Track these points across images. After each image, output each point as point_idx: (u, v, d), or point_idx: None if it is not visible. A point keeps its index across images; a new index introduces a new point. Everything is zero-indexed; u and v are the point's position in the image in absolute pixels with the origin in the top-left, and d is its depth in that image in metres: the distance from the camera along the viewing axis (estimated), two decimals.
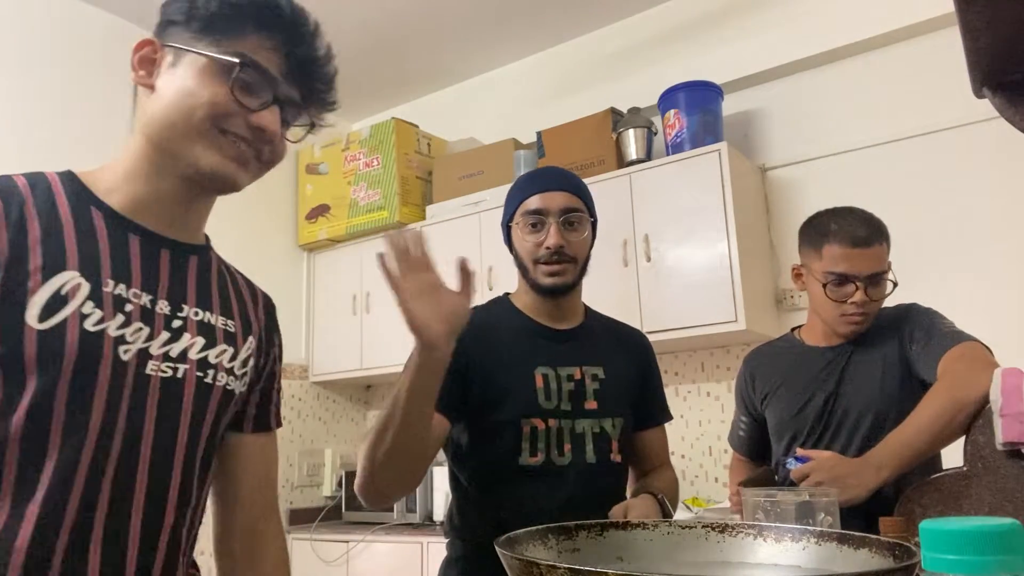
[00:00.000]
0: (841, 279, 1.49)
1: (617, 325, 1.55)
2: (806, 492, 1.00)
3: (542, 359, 1.34)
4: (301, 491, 3.40)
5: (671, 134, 2.75)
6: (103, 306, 0.80)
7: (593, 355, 1.40)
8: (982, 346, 1.42)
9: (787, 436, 1.58)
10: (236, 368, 0.93)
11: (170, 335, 0.86)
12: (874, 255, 1.48)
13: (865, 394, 1.50)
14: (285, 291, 3.57)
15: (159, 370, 0.84)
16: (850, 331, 1.53)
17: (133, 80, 0.88)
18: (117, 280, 0.82)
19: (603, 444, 1.34)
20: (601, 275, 2.77)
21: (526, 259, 1.36)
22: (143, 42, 0.87)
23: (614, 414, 1.37)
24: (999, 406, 1.24)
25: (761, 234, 2.73)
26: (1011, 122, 0.62)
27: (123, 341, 0.81)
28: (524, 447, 1.28)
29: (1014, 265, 2.33)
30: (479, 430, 1.31)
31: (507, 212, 1.42)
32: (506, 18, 3.17)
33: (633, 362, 1.48)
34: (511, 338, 1.36)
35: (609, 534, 0.67)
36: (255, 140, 0.88)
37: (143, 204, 0.87)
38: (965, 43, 0.55)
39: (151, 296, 0.85)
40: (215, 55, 0.84)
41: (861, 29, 2.64)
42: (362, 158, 3.45)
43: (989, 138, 2.38)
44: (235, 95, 0.84)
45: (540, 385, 1.32)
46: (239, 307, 0.98)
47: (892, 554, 0.54)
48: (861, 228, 1.49)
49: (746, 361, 1.76)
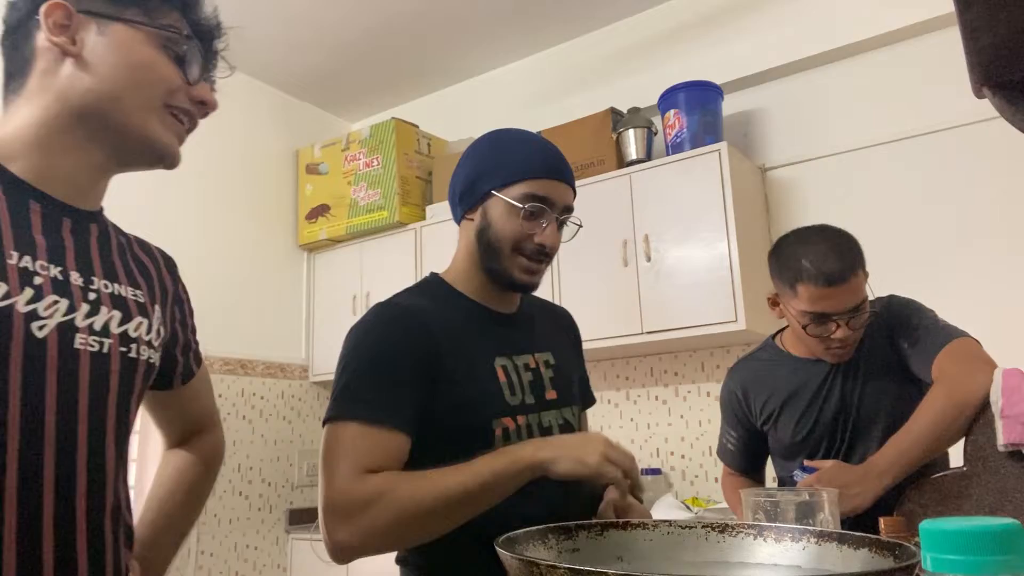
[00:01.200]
0: (820, 318, 1.43)
1: (547, 305, 1.40)
2: (806, 492, 1.00)
3: (498, 348, 1.19)
4: (301, 491, 3.40)
5: (671, 134, 2.75)
6: (8, 280, 0.74)
7: (542, 340, 1.27)
8: (974, 341, 1.41)
9: (800, 457, 1.55)
10: (153, 340, 0.90)
11: (90, 307, 0.81)
12: (850, 289, 1.41)
13: (876, 403, 1.48)
14: (285, 291, 3.57)
15: (87, 344, 0.80)
16: (836, 360, 1.51)
17: (56, 44, 0.81)
18: (21, 252, 0.77)
19: None
20: (601, 275, 2.79)
21: (505, 244, 1.16)
22: (54, 5, 0.81)
23: (572, 402, 1.26)
24: (999, 407, 1.24)
25: (761, 234, 2.73)
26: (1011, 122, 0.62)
27: (36, 316, 0.75)
28: None
29: (1014, 265, 2.33)
30: (444, 439, 1.10)
31: (496, 178, 1.18)
32: (506, 18, 3.17)
33: (571, 343, 1.37)
34: (464, 327, 1.17)
35: (609, 534, 0.67)
36: (196, 114, 0.88)
37: (52, 173, 0.82)
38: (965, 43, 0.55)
39: (60, 268, 0.80)
40: (161, 28, 0.83)
41: (861, 29, 2.64)
42: (362, 158, 3.45)
43: (989, 138, 2.38)
44: (182, 69, 0.84)
45: (503, 379, 1.16)
46: (142, 275, 0.94)
47: (892, 554, 0.54)
48: (834, 263, 1.40)
49: (732, 375, 1.70)
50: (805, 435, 1.54)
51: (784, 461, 1.61)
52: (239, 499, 3.14)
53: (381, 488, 0.99)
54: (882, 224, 2.52)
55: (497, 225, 1.17)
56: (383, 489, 0.99)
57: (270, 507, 3.26)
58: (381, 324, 1.12)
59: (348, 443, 1.03)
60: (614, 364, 3.06)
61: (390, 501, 0.99)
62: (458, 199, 1.23)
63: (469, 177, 1.21)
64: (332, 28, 3.18)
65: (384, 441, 1.04)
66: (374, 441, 1.04)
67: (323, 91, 3.71)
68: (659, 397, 2.95)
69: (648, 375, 2.99)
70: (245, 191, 3.46)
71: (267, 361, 3.38)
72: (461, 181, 1.22)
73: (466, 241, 1.23)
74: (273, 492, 3.28)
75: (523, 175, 1.17)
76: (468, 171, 1.21)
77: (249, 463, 3.21)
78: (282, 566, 3.26)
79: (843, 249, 1.43)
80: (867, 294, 1.45)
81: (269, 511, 3.25)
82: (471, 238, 1.21)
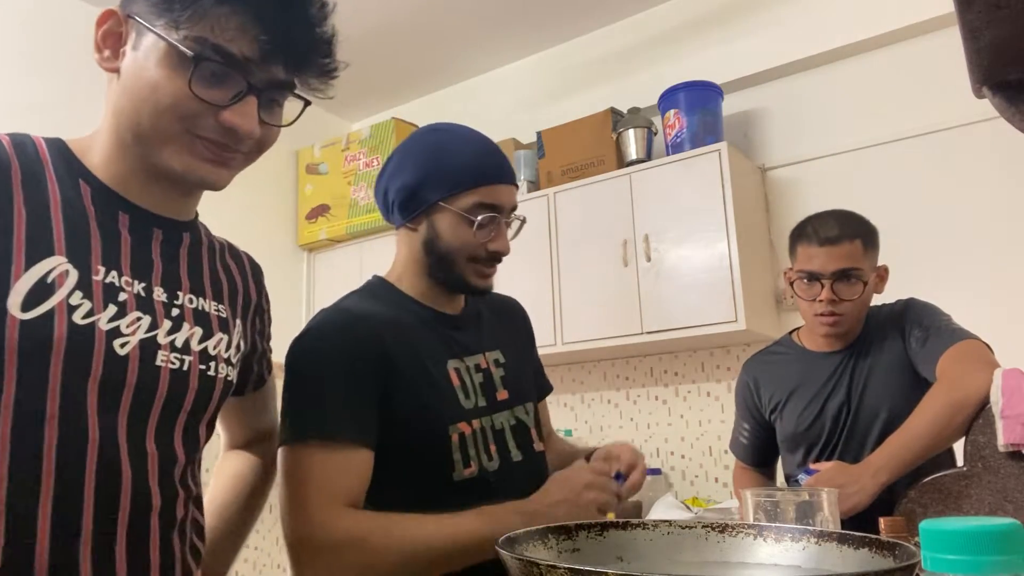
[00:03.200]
0: (809, 277, 1.49)
1: (494, 297, 1.32)
2: (806, 492, 1.00)
3: (450, 351, 1.14)
4: None
5: (671, 134, 2.75)
6: (92, 297, 0.74)
7: (490, 338, 1.22)
8: (981, 344, 1.41)
9: (802, 448, 1.56)
10: (232, 356, 0.89)
11: (172, 324, 0.80)
12: (842, 252, 1.46)
13: (878, 399, 1.49)
14: (285, 291, 3.57)
15: (168, 361, 0.79)
16: (824, 332, 1.52)
17: (97, 62, 0.77)
18: (108, 267, 0.76)
19: (523, 436, 1.18)
20: (601, 275, 2.79)
21: (459, 255, 1.12)
22: (106, 13, 0.77)
23: (525, 399, 1.21)
24: (1000, 407, 1.24)
25: (761, 234, 2.73)
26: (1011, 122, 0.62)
27: (118, 334, 0.75)
28: (456, 458, 1.07)
29: (1014, 265, 2.33)
30: (399, 447, 1.05)
31: (442, 187, 1.10)
32: (506, 18, 3.16)
33: (521, 335, 1.33)
34: (415, 331, 1.12)
35: (609, 534, 0.67)
36: (230, 141, 0.77)
37: (136, 184, 0.80)
38: (965, 43, 0.55)
39: (144, 284, 0.79)
40: (173, 41, 0.73)
41: (861, 29, 2.64)
42: (362, 158, 3.45)
43: (989, 138, 2.38)
44: (195, 92, 0.74)
45: (456, 382, 1.11)
46: (229, 288, 0.93)
47: (892, 554, 0.54)
48: (833, 227, 1.48)
49: (746, 367, 1.74)
50: (808, 426, 1.55)
51: (788, 454, 1.62)
52: None
53: (354, 533, 0.96)
54: (882, 224, 2.48)
55: (447, 237, 1.11)
56: (357, 534, 0.95)
57: (270, 507, 3.25)
58: (333, 333, 1.06)
59: (314, 468, 0.98)
60: (614, 364, 3.06)
61: (364, 547, 0.95)
62: (395, 207, 1.15)
63: (408, 185, 1.12)
64: None
65: (349, 461, 0.99)
66: (340, 463, 0.99)
67: None
68: (659, 397, 2.95)
69: (648, 375, 2.99)
70: (245, 191, 3.45)
71: None
72: (398, 188, 1.13)
73: (409, 249, 1.17)
74: (273, 492, 3.27)
75: (471, 183, 1.10)
76: (407, 178, 1.12)
77: None
78: (282, 566, 3.26)
79: (846, 218, 1.51)
80: (863, 268, 1.47)
81: (269, 511, 3.24)
82: (415, 247, 1.15)
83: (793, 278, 1.53)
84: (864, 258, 1.48)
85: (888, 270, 1.56)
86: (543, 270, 2.88)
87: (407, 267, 1.18)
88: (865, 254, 1.48)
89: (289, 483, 1.00)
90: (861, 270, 1.47)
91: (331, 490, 0.98)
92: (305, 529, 0.97)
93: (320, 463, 0.98)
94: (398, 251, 1.21)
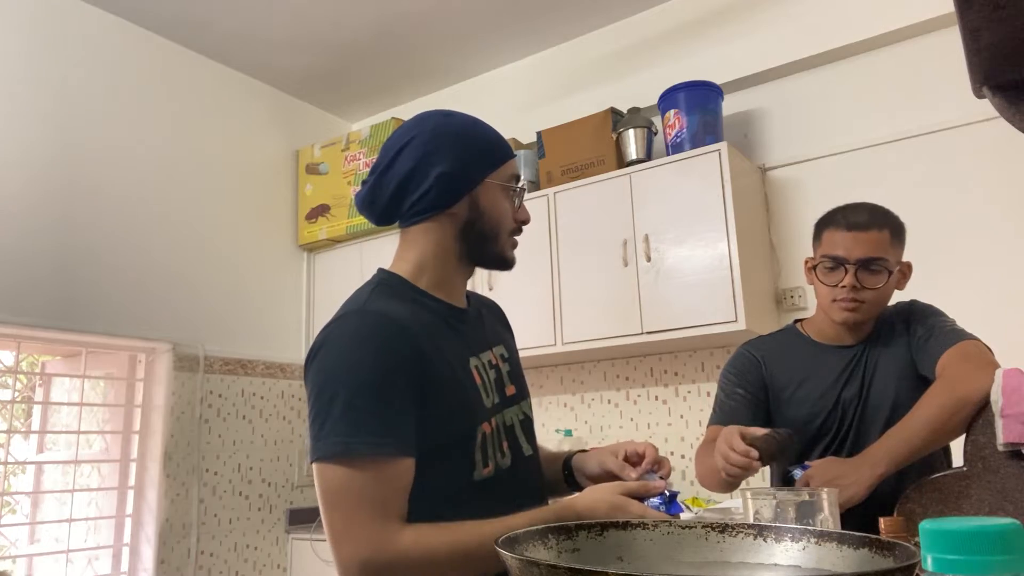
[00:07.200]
0: (834, 262, 1.48)
1: (480, 296, 1.33)
2: (806, 492, 1.00)
3: (468, 348, 1.13)
4: (301, 491, 3.40)
5: (671, 134, 2.75)
6: None
7: (494, 334, 1.23)
8: (982, 344, 1.42)
9: (808, 439, 1.55)
10: None
11: None
12: (869, 240, 1.45)
13: (888, 396, 1.48)
14: (285, 291, 3.57)
15: None
16: (842, 317, 1.50)
17: None
18: None
19: (529, 430, 1.19)
20: (601, 275, 2.79)
21: (504, 228, 1.14)
22: None
23: (527, 394, 1.23)
24: (1000, 407, 1.24)
25: (761, 234, 2.73)
26: (1011, 122, 0.62)
27: None
28: (477, 458, 1.06)
29: (1014, 265, 2.33)
30: (426, 453, 1.02)
31: (486, 164, 1.12)
32: (506, 18, 3.16)
33: (509, 331, 1.34)
34: (439, 329, 1.10)
35: (609, 534, 0.67)
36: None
37: None
38: (965, 43, 0.55)
39: None
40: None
41: (861, 29, 2.64)
42: (362, 158, 3.45)
43: (989, 138, 2.38)
44: None
45: (478, 380, 1.10)
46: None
47: (892, 554, 0.54)
48: (862, 214, 1.48)
49: (751, 344, 1.67)
50: (822, 420, 1.52)
51: None
52: (239, 499, 3.14)
53: (413, 547, 0.95)
54: None
55: (491, 212, 1.13)
56: (418, 549, 0.95)
57: (270, 507, 3.26)
58: (369, 338, 1.02)
59: (367, 486, 0.96)
60: (614, 364, 3.06)
61: (427, 559, 0.95)
62: (429, 197, 1.11)
63: (449, 171, 1.10)
64: (332, 28, 3.18)
65: (396, 474, 0.98)
66: (388, 478, 0.97)
67: (323, 91, 3.71)
68: (659, 397, 2.95)
69: (648, 375, 2.99)
70: (245, 191, 3.46)
71: (267, 361, 3.38)
72: (437, 176, 1.10)
73: (438, 239, 1.14)
74: (273, 492, 3.28)
75: (504, 155, 1.15)
76: (445, 166, 1.10)
77: (249, 463, 3.21)
78: (282, 566, 3.26)
79: (876, 209, 1.51)
80: (888, 259, 1.46)
81: (269, 511, 3.25)
82: (447, 235, 1.13)
83: (815, 263, 1.52)
84: (890, 249, 1.47)
85: (911, 267, 1.54)
86: (543, 270, 2.88)
87: (432, 260, 1.15)
88: (892, 245, 1.48)
89: (342, 503, 0.96)
90: (886, 260, 1.46)
91: (387, 508, 0.96)
92: (365, 552, 0.94)
93: (373, 480, 0.96)
94: (415, 247, 1.17)
